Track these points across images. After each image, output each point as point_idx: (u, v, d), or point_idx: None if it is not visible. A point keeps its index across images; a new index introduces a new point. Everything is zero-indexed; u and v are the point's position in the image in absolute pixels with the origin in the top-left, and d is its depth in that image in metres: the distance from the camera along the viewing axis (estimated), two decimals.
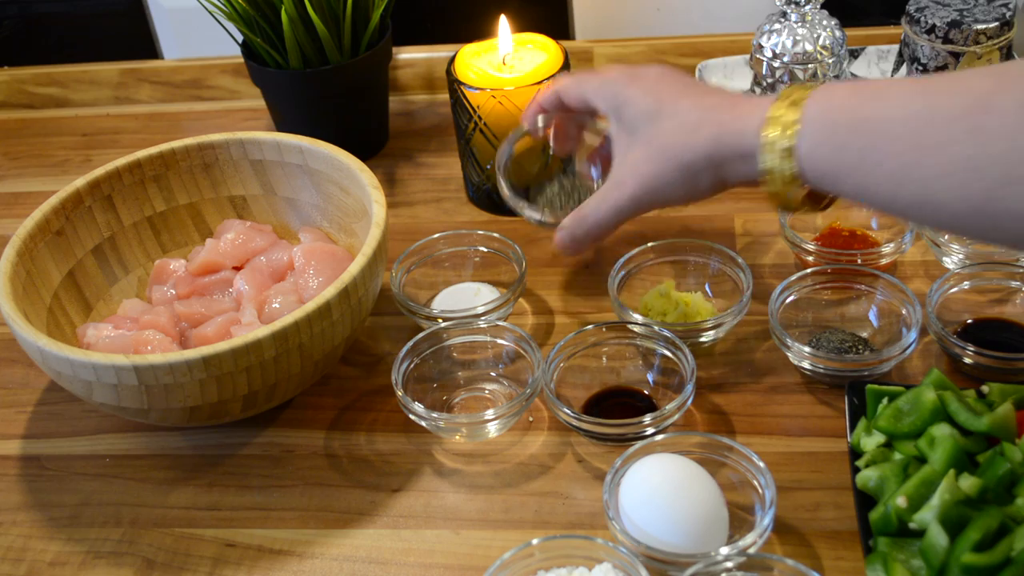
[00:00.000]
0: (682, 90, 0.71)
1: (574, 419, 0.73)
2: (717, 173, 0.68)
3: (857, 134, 0.60)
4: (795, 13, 0.97)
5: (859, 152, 0.60)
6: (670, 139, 0.69)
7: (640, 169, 0.71)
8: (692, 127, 0.68)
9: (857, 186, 0.61)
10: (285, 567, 0.70)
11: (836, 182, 0.63)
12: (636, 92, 0.72)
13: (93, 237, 0.86)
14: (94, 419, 0.82)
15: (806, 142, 0.63)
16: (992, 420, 0.64)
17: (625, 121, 0.72)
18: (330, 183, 0.87)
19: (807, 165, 0.63)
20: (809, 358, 0.76)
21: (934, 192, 0.57)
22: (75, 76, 1.23)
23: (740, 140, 0.66)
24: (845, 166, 0.61)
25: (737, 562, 0.60)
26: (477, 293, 0.86)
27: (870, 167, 0.60)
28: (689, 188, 0.70)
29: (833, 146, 0.62)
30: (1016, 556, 0.57)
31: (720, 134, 0.67)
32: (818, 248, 0.84)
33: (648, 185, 0.71)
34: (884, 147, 0.59)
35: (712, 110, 0.68)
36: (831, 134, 0.62)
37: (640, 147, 0.71)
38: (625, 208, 0.72)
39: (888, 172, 0.59)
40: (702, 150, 0.68)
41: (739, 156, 0.66)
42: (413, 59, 1.17)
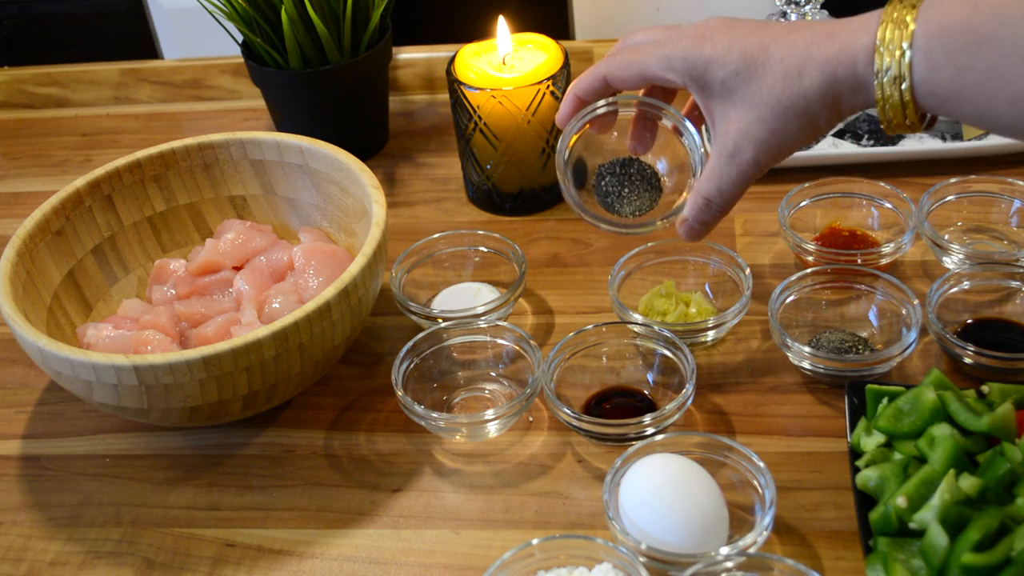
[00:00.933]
0: (763, 34, 0.66)
1: (574, 419, 0.73)
2: (833, 110, 0.65)
3: (979, 56, 0.56)
4: (795, 13, 0.97)
5: (981, 75, 0.56)
6: (777, 92, 0.65)
7: (754, 132, 0.66)
8: (795, 73, 0.64)
9: (978, 109, 0.58)
10: (285, 567, 0.70)
11: (954, 106, 0.59)
12: (715, 52, 0.67)
13: (93, 237, 0.86)
14: (94, 419, 0.82)
15: (920, 67, 0.59)
16: (992, 420, 0.64)
17: (714, 86, 0.67)
18: (330, 183, 0.87)
19: (922, 91, 0.60)
20: (809, 358, 0.76)
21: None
22: (75, 76, 1.23)
23: (852, 72, 0.62)
24: (965, 89, 0.58)
25: (737, 562, 0.60)
26: (477, 293, 0.86)
27: (993, 90, 0.56)
28: (810, 132, 0.66)
29: (952, 70, 0.58)
30: (1016, 556, 0.57)
31: (830, 71, 0.63)
32: (818, 248, 0.84)
33: (769, 144, 0.66)
34: (1011, 68, 0.55)
35: (810, 47, 0.64)
36: (949, 57, 0.58)
37: (744, 109, 0.66)
38: (752, 175, 0.68)
39: (1015, 95, 0.56)
40: (815, 93, 0.64)
41: (853, 89, 0.63)
42: (413, 59, 1.17)
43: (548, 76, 0.91)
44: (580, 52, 1.14)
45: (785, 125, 0.66)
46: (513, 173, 0.95)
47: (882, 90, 0.61)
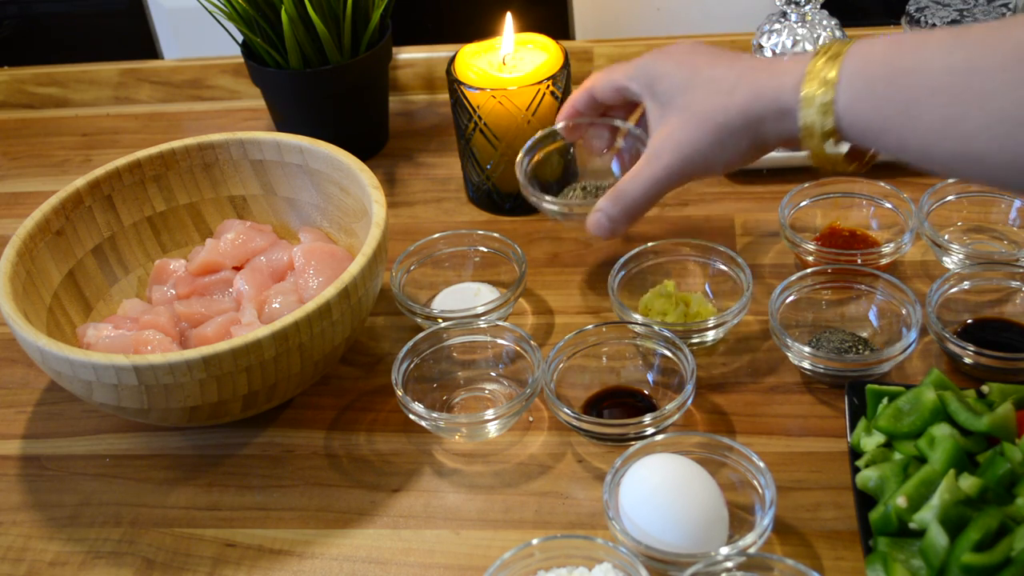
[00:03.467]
0: (715, 58, 0.70)
1: (574, 419, 0.73)
2: (755, 133, 0.67)
3: (897, 87, 0.59)
4: (795, 13, 0.97)
5: (899, 105, 0.59)
6: (705, 103, 0.68)
7: (675, 137, 0.69)
8: (728, 89, 0.67)
9: (897, 140, 0.60)
10: (285, 567, 0.70)
11: (876, 137, 0.61)
12: (668, 65, 0.71)
13: (93, 237, 0.86)
14: (94, 419, 0.82)
15: (845, 95, 0.62)
16: (992, 420, 0.64)
17: (659, 95, 0.71)
18: (330, 183, 0.87)
19: (846, 119, 0.62)
20: (809, 358, 0.76)
21: (976, 145, 0.56)
22: (75, 76, 1.23)
23: (778, 96, 0.65)
24: (885, 120, 0.60)
25: (737, 562, 0.60)
26: (477, 293, 0.86)
27: (911, 120, 0.59)
28: (727, 151, 0.68)
29: (873, 99, 0.60)
30: (1016, 556, 0.57)
31: (757, 92, 0.66)
32: (818, 248, 0.84)
33: (684, 152, 0.69)
34: (925, 100, 0.58)
35: (748, 71, 0.67)
36: (871, 87, 0.61)
37: (674, 116, 0.70)
38: (662, 179, 0.70)
39: (929, 125, 0.58)
40: (738, 109, 0.66)
41: (777, 113, 0.65)
42: (413, 59, 1.17)
43: (548, 76, 0.91)
44: (580, 52, 1.14)
45: (703, 135, 0.68)
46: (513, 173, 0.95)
47: (807, 117, 0.63)
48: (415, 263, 0.88)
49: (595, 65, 1.15)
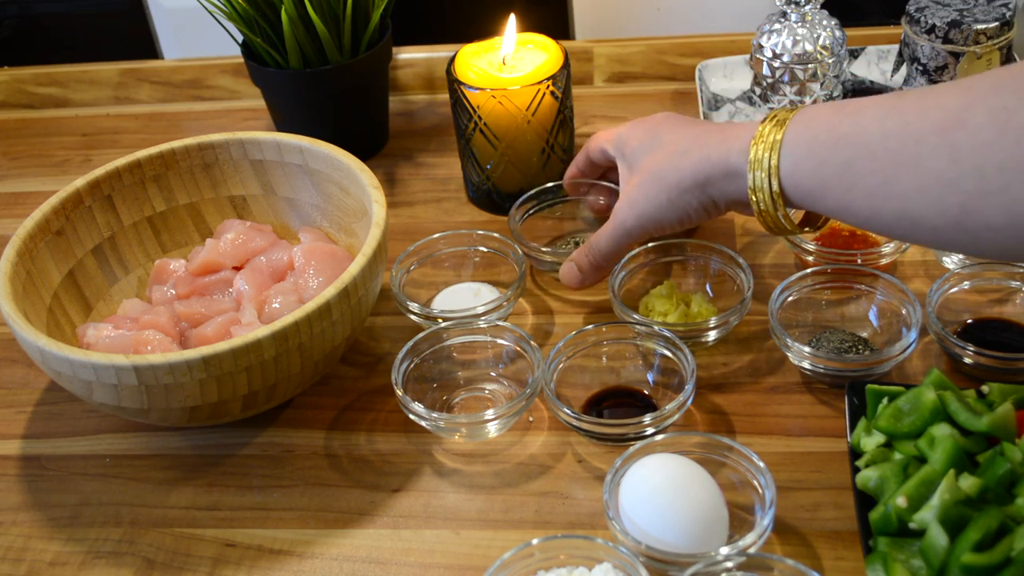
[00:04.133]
0: (679, 124, 0.75)
1: (574, 419, 0.73)
2: (705, 193, 0.71)
3: (836, 151, 0.62)
4: (795, 13, 0.97)
5: (839, 168, 0.62)
6: (660, 164, 0.73)
7: (633, 196, 0.74)
8: (682, 151, 0.72)
9: (839, 203, 0.63)
10: (285, 567, 0.70)
11: (818, 199, 0.64)
12: (637, 131, 0.77)
13: (93, 237, 0.86)
14: (94, 419, 0.82)
15: (788, 159, 0.65)
16: (992, 420, 0.64)
17: (627, 158, 0.77)
18: (330, 183, 0.87)
19: (789, 182, 0.65)
20: (809, 358, 0.76)
21: (912, 208, 0.59)
22: (75, 76, 1.23)
23: (726, 158, 0.68)
24: (826, 183, 0.63)
25: (737, 562, 0.60)
26: (477, 293, 0.86)
27: (850, 184, 0.61)
28: (678, 209, 0.72)
29: (814, 163, 0.63)
30: (1016, 556, 0.57)
31: (707, 154, 0.70)
32: (818, 248, 0.84)
33: (640, 210, 0.74)
34: (863, 164, 0.60)
35: (702, 136, 0.72)
36: (812, 151, 0.63)
37: (635, 176, 0.75)
38: (621, 236, 0.76)
39: (868, 188, 0.60)
40: (689, 170, 0.71)
41: (725, 175, 0.69)
42: (413, 59, 1.17)
43: (548, 76, 0.91)
44: (580, 52, 1.14)
45: (657, 193, 0.73)
46: (513, 173, 0.95)
47: (754, 179, 0.67)
48: (415, 263, 0.88)
49: (595, 65, 1.15)
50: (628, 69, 1.15)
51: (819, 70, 0.97)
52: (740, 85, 1.08)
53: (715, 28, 1.15)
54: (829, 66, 0.97)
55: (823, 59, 0.97)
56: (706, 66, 1.08)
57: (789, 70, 0.97)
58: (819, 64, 0.97)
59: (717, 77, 1.08)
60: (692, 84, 1.11)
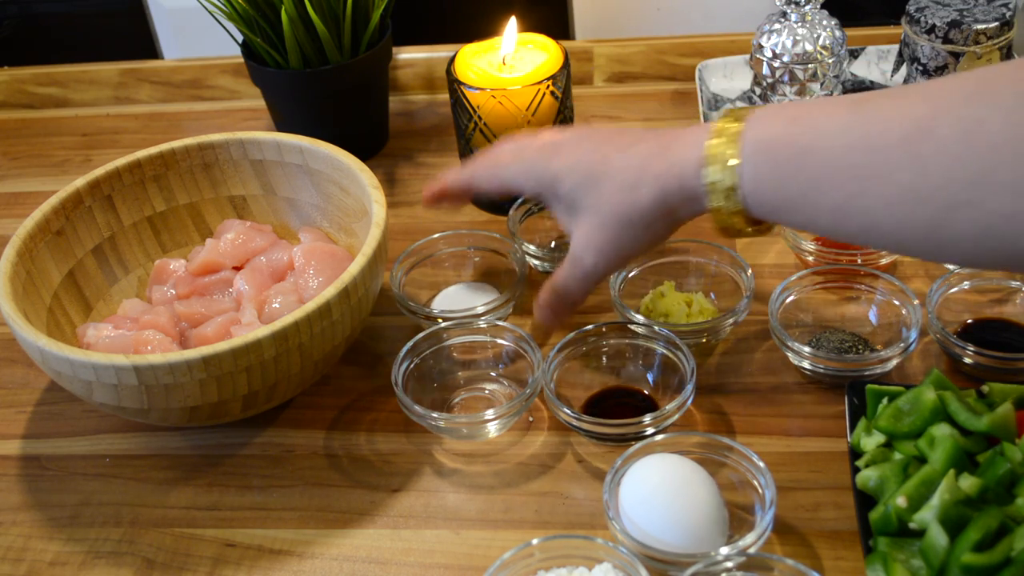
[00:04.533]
0: (608, 147, 0.70)
1: (574, 419, 0.73)
2: (669, 219, 0.68)
3: (799, 168, 0.60)
4: (795, 13, 0.97)
5: (802, 185, 0.60)
6: (613, 202, 0.68)
7: (595, 239, 0.70)
8: (632, 183, 0.67)
9: (804, 217, 0.61)
10: (285, 567, 0.70)
11: (783, 214, 0.63)
12: (562, 167, 0.71)
13: (93, 237, 0.86)
14: (94, 419, 0.82)
15: (748, 179, 0.62)
16: (992, 420, 0.64)
17: (563, 198, 0.71)
18: (330, 183, 0.87)
19: (751, 201, 0.63)
20: (809, 358, 0.76)
21: (879, 220, 0.57)
22: (75, 76, 1.23)
23: (682, 185, 0.65)
24: (790, 200, 0.61)
25: (737, 562, 0.60)
26: (477, 292, 0.86)
27: (815, 199, 0.60)
28: (648, 239, 0.70)
29: (775, 181, 0.61)
30: (1016, 556, 0.57)
31: (662, 185, 0.66)
32: (818, 248, 0.84)
33: (606, 251, 0.70)
34: (826, 179, 0.59)
35: (647, 160, 0.67)
36: (772, 169, 0.61)
37: (587, 217, 0.70)
38: (590, 278, 0.72)
39: (832, 203, 0.59)
40: (649, 205, 0.67)
41: (685, 200, 0.66)
42: (413, 59, 1.17)
43: (548, 76, 0.91)
44: (580, 52, 1.14)
45: (621, 234, 0.69)
46: None
47: (714, 201, 0.64)
48: (415, 263, 0.88)
49: (595, 65, 1.15)
50: (628, 69, 1.15)
51: (819, 70, 0.97)
52: (740, 85, 1.08)
53: (715, 28, 1.15)
54: (829, 66, 0.97)
55: (823, 59, 0.97)
56: (706, 66, 1.08)
57: (789, 70, 0.97)
58: (819, 64, 0.97)
59: (717, 77, 1.08)
60: (692, 84, 1.11)
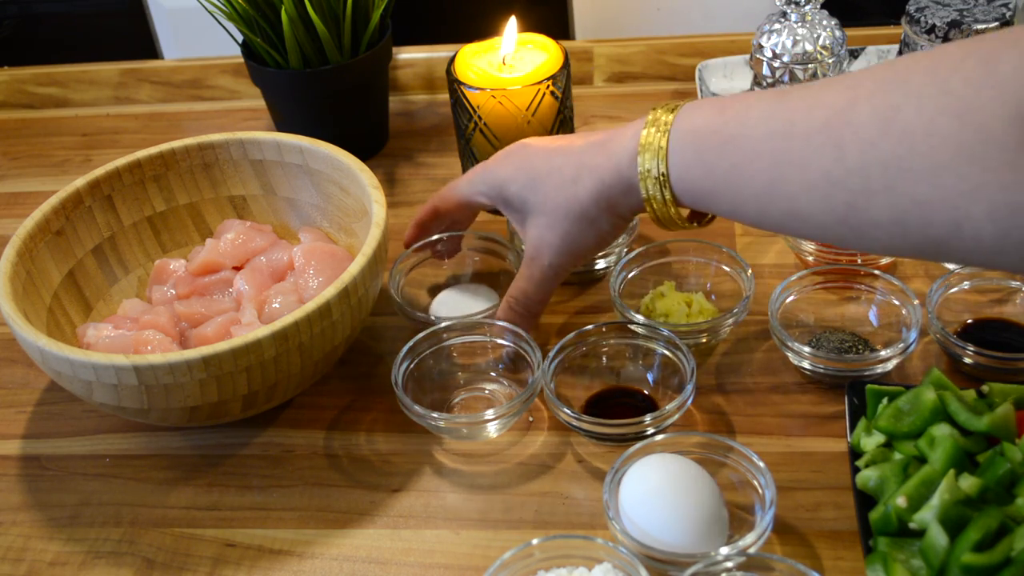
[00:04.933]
0: (549, 151, 0.72)
1: (574, 419, 0.73)
2: (611, 212, 0.70)
3: (723, 155, 0.62)
4: (795, 13, 0.97)
5: (727, 172, 0.62)
6: (556, 198, 0.71)
7: (545, 237, 0.72)
8: (571, 178, 0.70)
9: (730, 204, 0.63)
10: (285, 567, 0.70)
11: (710, 202, 0.64)
12: (508, 170, 0.74)
13: (93, 237, 0.86)
14: (94, 419, 0.82)
15: (676, 167, 0.64)
16: (992, 420, 0.64)
17: (512, 200, 0.74)
18: (330, 183, 0.87)
19: (680, 188, 0.65)
20: (809, 358, 0.76)
21: (801, 206, 0.59)
22: (75, 76, 1.23)
23: (618, 176, 0.67)
24: (716, 186, 0.63)
25: (737, 562, 0.60)
26: (477, 293, 0.86)
27: (739, 186, 0.61)
28: (595, 235, 0.72)
29: (702, 168, 0.63)
30: (1016, 556, 0.57)
31: (599, 176, 0.68)
32: (818, 248, 0.84)
33: (558, 247, 0.72)
34: (749, 165, 0.60)
35: (584, 155, 0.70)
36: (698, 157, 0.63)
37: (535, 217, 0.73)
38: (549, 277, 0.74)
39: (756, 189, 0.60)
40: (588, 198, 0.69)
41: (623, 191, 0.68)
42: (413, 59, 1.17)
43: (548, 76, 0.91)
44: (580, 52, 1.14)
45: (568, 229, 0.71)
46: None
47: (647, 189, 0.66)
48: (415, 264, 0.88)
49: (595, 65, 1.15)
50: (628, 69, 1.15)
51: (819, 70, 0.97)
52: (740, 85, 1.08)
53: (715, 28, 1.15)
54: (829, 66, 0.97)
55: (823, 59, 0.97)
56: (706, 66, 1.08)
57: (789, 70, 0.97)
58: (819, 64, 0.97)
59: (717, 77, 1.08)
60: (692, 84, 1.11)
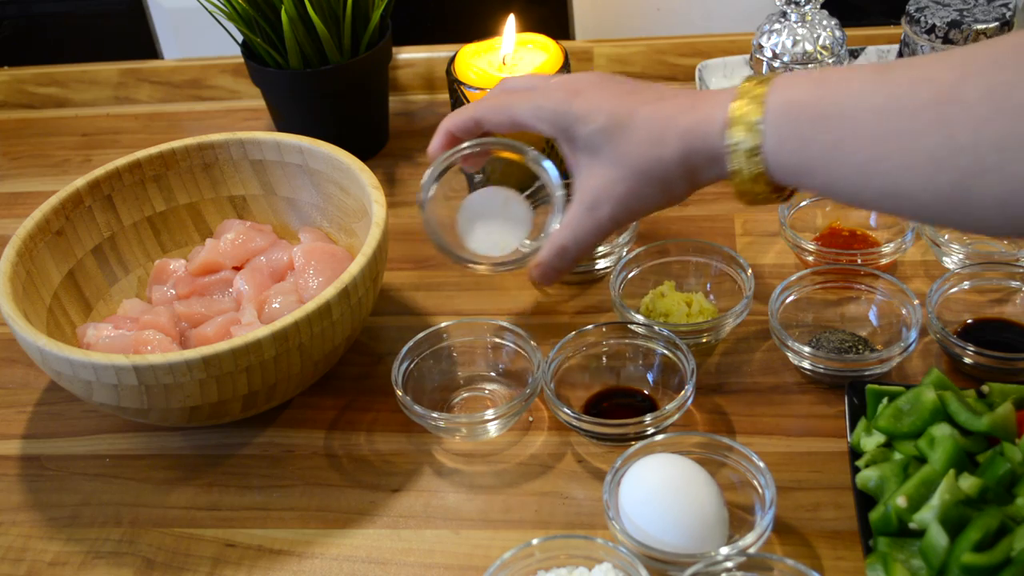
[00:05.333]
0: (632, 97, 0.69)
1: (574, 419, 0.73)
2: (692, 178, 0.68)
3: (822, 129, 0.60)
4: (795, 13, 0.97)
5: (825, 147, 0.60)
6: (637, 155, 0.68)
7: (614, 190, 0.69)
8: (657, 139, 0.67)
9: (825, 181, 0.61)
10: (285, 567, 0.70)
11: (803, 177, 0.62)
12: (585, 108, 0.69)
13: (93, 237, 0.86)
14: (94, 419, 0.82)
15: (771, 140, 0.62)
16: (992, 420, 0.64)
17: (579, 141, 0.70)
18: (330, 183, 0.87)
19: (773, 162, 0.63)
20: (809, 358, 0.76)
21: (902, 184, 0.57)
22: (75, 76, 1.23)
23: (706, 144, 0.65)
24: (812, 161, 0.61)
25: (737, 562, 0.60)
26: (508, 208, 0.79)
27: (837, 162, 0.59)
28: (666, 197, 0.69)
29: (798, 142, 0.61)
30: (1016, 556, 0.57)
31: (688, 143, 0.66)
32: (818, 248, 0.84)
33: (625, 203, 0.70)
34: (850, 141, 0.59)
35: (673, 117, 0.67)
36: (795, 130, 0.61)
37: (606, 167, 0.69)
38: (608, 229, 0.71)
39: (854, 166, 0.59)
40: (673, 162, 0.67)
41: (708, 160, 0.66)
42: (413, 59, 1.17)
43: None
44: (580, 52, 1.14)
45: (643, 187, 0.68)
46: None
47: (735, 162, 0.64)
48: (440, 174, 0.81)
49: (595, 65, 1.15)
50: (628, 69, 1.15)
51: None
52: None
53: (715, 28, 1.15)
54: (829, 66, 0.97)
55: (823, 59, 0.97)
56: (706, 66, 1.08)
57: (789, 70, 0.97)
58: (819, 64, 0.97)
59: (717, 77, 1.08)
60: (692, 84, 1.11)
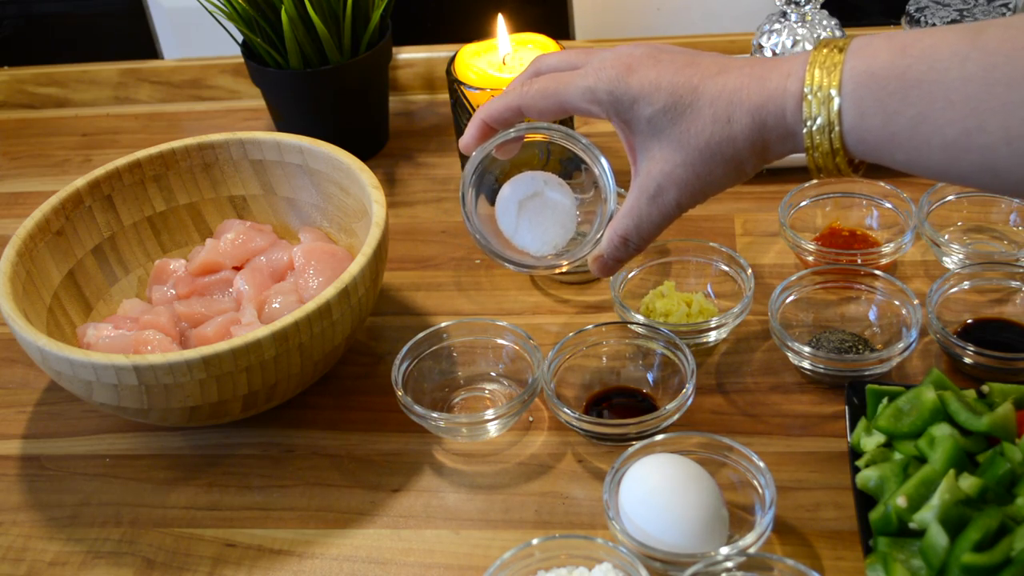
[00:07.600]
0: (691, 70, 0.63)
1: (574, 419, 0.73)
2: (761, 156, 0.63)
3: (908, 101, 0.55)
4: (795, 13, 0.97)
5: (911, 120, 0.55)
6: (706, 137, 0.62)
7: (679, 174, 0.64)
8: (725, 118, 0.62)
9: (910, 156, 0.56)
10: (285, 567, 0.70)
11: (885, 153, 0.58)
12: (642, 87, 0.63)
13: (93, 237, 0.86)
14: (94, 419, 0.82)
15: (850, 114, 0.57)
16: (992, 420, 0.64)
17: (639, 123, 0.64)
18: (330, 183, 0.87)
19: (852, 138, 0.58)
20: (809, 358, 0.76)
21: (998, 160, 0.53)
22: (75, 76, 1.23)
23: (780, 122, 0.60)
24: (896, 136, 0.56)
25: (737, 562, 0.60)
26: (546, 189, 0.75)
27: (924, 136, 0.55)
28: (735, 179, 0.64)
29: (882, 116, 0.56)
30: (1016, 556, 0.57)
31: (761, 119, 0.61)
32: (818, 248, 0.84)
33: (693, 187, 0.64)
34: (940, 114, 0.54)
35: (740, 91, 0.61)
36: (877, 103, 0.56)
37: (670, 150, 0.64)
38: (673, 216, 0.66)
39: (945, 140, 0.54)
40: (744, 140, 0.62)
41: (780, 138, 0.61)
42: (413, 59, 1.17)
43: None
44: None
45: (712, 170, 0.63)
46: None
47: (811, 138, 0.59)
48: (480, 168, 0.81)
49: None
50: None
51: None
52: None
53: (715, 28, 1.15)
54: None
55: None
56: None
57: None
58: None
59: None
60: None
